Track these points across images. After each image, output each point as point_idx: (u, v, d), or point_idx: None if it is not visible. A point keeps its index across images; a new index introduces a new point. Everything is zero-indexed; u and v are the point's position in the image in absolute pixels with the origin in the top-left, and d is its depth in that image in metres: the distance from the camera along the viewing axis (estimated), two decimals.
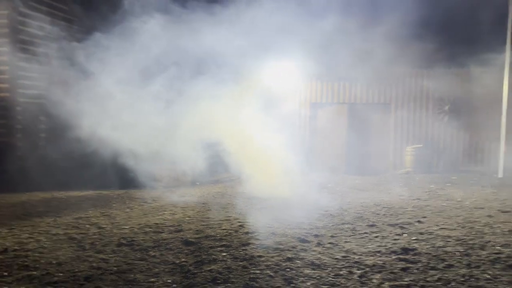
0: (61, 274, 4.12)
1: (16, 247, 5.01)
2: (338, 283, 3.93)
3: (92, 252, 4.87)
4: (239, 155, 9.32)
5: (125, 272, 4.18)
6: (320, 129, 14.61)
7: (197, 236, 5.51)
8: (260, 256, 4.66)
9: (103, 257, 4.65)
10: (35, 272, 4.18)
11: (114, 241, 5.28)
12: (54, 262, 4.50)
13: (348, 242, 5.32)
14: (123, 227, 6.06)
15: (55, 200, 8.23)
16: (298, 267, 4.35)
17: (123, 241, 5.25)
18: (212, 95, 9.03)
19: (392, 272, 4.21)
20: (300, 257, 4.66)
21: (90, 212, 7.11)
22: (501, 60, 11.73)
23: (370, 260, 4.56)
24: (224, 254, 4.75)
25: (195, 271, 4.20)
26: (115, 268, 4.29)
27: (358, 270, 4.27)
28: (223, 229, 5.86)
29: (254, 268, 4.29)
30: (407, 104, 14.13)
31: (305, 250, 4.91)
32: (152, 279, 4.00)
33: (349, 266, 4.37)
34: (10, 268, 4.30)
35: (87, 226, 6.13)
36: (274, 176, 10.97)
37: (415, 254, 4.78)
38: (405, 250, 4.91)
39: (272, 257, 4.65)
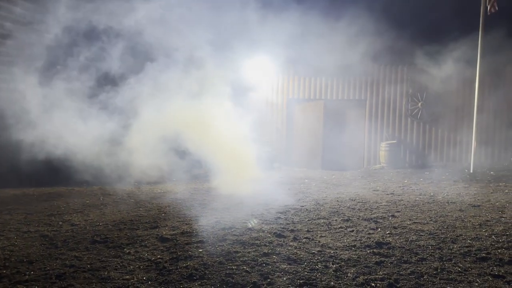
0: (32, 273, 4.01)
1: None
2: (314, 277, 3.96)
3: (65, 249, 4.75)
4: (213, 151, 9.30)
5: (99, 270, 4.10)
6: (296, 124, 14.69)
7: (172, 232, 5.46)
8: (236, 252, 4.66)
9: (76, 255, 4.55)
10: (4, 271, 4.06)
11: (88, 238, 5.17)
12: (25, 260, 4.37)
13: (324, 236, 5.37)
14: (97, 223, 5.95)
15: (26, 197, 8.00)
16: (275, 262, 4.36)
17: (97, 238, 5.15)
18: (182, 90, 8.99)
19: (366, 266, 4.28)
20: (277, 252, 4.68)
21: (62, 208, 6.94)
22: (475, 55, 12.03)
23: (345, 254, 4.62)
24: (200, 250, 4.72)
25: (171, 268, 4.16)
26: (88, 266, 4.20)
27: (333, 264, 4.32)
28: (199, 225, 5.82)
29: (230, 264, 4.28)
30: (381, 100, 14.35)
31: (282, 245, 4.93)
32: (127, 277, 3.94)
33: (325, 261, 4.42)
34: None
35: (60, 223, 5.98)
36: (249, 172, 11.00)
37: (389, 248, 4.87)
38: (379, 244, 5.00)
39: (249, 252, 4.65)
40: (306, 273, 4.07)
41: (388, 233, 5.53)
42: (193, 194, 8.57)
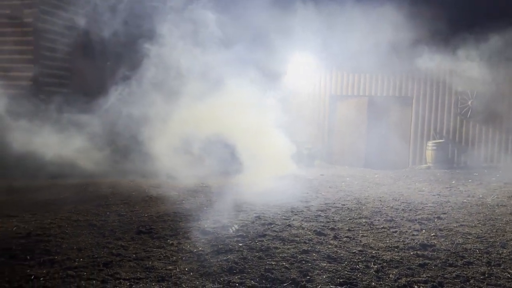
0: (82, 260, 4.22)
1: (38, 232, 5.15)
2: (354, 277, 3.92)
3: (112, 239, 4.96)
4: (252, 147, 9.37)
5: (143, 259, 4.25)
6: (339, 121, 14.48)
7: (214, 226, 5.56)
8: (276, 248, 4.68)
9: (122, 244, 4.74)
10: (56, 257, 4.29)
11: (133, 229, 5.37)
12: (75, 247, 4.61)
13: (365, 236, 5.28)
14: (142, 215, 6.16)
15: (76, 187, 8.40)
16: (314, 259, 4.35)
17: (142, 229, 5.34)
18: (221, 85, 9.08)
19: (409, 268, 4.18)
20: (316, 250, 4.66)
21: (110, 199, 7.24)
22: None
23: (387, 255, 4.53)
24: (241, 244, 4.78)
25: (212, 260, 4.25)
26: (134, 255, 4.37)
27: (374, 264, 4.24)
28: (240, 220, 5.89)
29: (270, 259, 4.31)
30: (428, 97, 13.86)
31: (322, 243, 4.90)
32: (170, 267, 4.06)
33: (366, 261, 4.35)
34: (33, 252, 4.42)
35: (108, 213, 6.25)
36: (289, 168, 11.00)
37: (433, 251, 4.72)
38: (424, 246, 4.86)
39: (288, 249, 4.66)
40: (346, 272, 4.03)
41: (433, 235, 5.36)
42: (232, 189, 8.62)
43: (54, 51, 11.43)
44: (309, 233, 5.33)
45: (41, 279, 3.73)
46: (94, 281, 3.69)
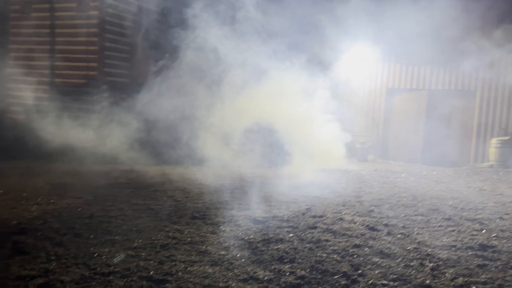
0: (140, 241, 4.45)
1: (100, 214, 5.48)
2: (408, 274, 3.82)
3: (168, 222, 5.18)
4: (304, 140, 9.32)
5: (197, 244, 4.41)
6: (395, 115, 14.02)
7: (264, 215, 5.63)
8: (327, 240, 4.66)
9: (178, 228, 4.93)
10: (117, 237, 4.55)
11: (188, 214, 5.56)
12: (134, 229, 4.86)
13: (421, 234, 5.12)
14: (196, 201, 6.35)
15: (130, 172, 8.81)
16: (366, 254, 4.29)
17: (196, 215, 5.52)
18: (278, 78, 9.05)
19: (467, 268, 4.01)
20: (369, 245, 4.59)
21: (166, 185, 7.53)
22: None
23: (443, 254, 4.37)
24: (291, 235, 4.81)
25: (263, 249, 4.31)
26: (188, 239, 4.54)
27: (430, 262, 4.11)
28: (290, 211, 5.92)
29: (320, 251, 4.31)
30: (494, 92, 13.04)
31: (374, 239, 4.82)
32: (223, 252, 4.18)
33: (421, 258, 4.22)
34: (95, 232, 4.72)
35: (164, 198, 6.51)
36: (341, 162, 10.83)
37: (494, 252, 4.49)
38: (483, 247, 4.63)
39: (340, 242, 4.63)
40: (399, 268, 3.94)
41: (494, 236, 5.09)
42: (282, 180, 8.61)
43: (116, 43, 11.98)
44: (361, 227, 5.25)
45: (103, 257, 3.98)
46: (151, 262, 3.88)
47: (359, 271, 3.84)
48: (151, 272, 3.64)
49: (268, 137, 9.84)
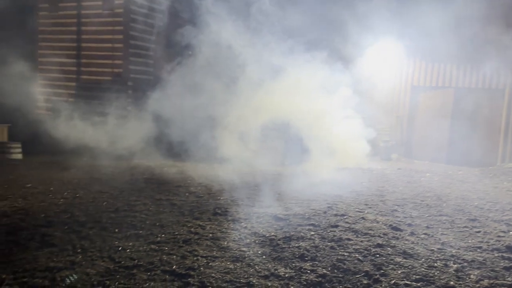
0: (163, 236, 4.52)
1: (125, 208, 5.59)
2: (431, 274, 3.77)
3: (191, 218, 5.25)
4: (324, 138, 9.26)
5: (219, 239, 4.45)
6: (420, 113, 13.76)
7: (285, 213, 5.63)
8: (348, 239, 4.63)
9: (200, 224, 4.99)
10: (141, 232, 4.64)
11: (210, 210, 5.62)
12: (157, 224, 4.94)
13: (445, 234, 5.03)
14: (218, 197, 6.41)
15: (153, 169, 8.94)
16: (389, 254, 4.24)
17: (218, 211, 5.57)
18: (301, 76, 9.00)
19: (493, 270, 3.92)
20: (392, 244, 4.53)
21: (189, 182, 7.61)
22: None
23: (468, 255, 4.28)
24: (312, 233, 4.80)
25: (284, 246, 4.32)
26: (210, 235, 4.59)
27: (454, 264, 4.04)
28: (312, 209, 5.90)
29: (342, 250, 4.29)
30: None
31: (397, 238, 4.76)
32: (244, 249, 4.20)
33: (445, 259, 4.15)
34: (120, 226, 4.82)
35: (187, 194, 6.59)
36: (364, 160, 10.71)
37: None
38: (510, 249, 4.52)
39: (362, 241, 4.59)
40: (423, 269, 3.89)
41: None
42: (303, 178, 8.57)
43: (141, 41, 12.16)
44: (384, 227, 5.19)
45: (127, 250, 4.06)
46: (174, 256, 3.95)
47: (381, 271, 3.81)
48: (174, 267, 3.70)
49: (288, 134, 9.82)
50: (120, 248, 4.11)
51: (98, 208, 5.55)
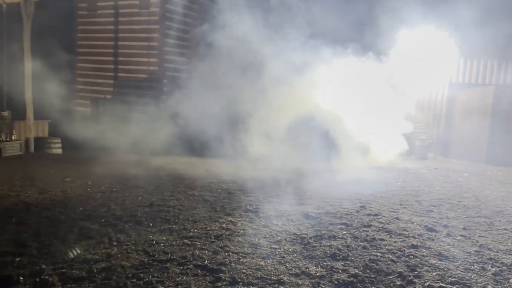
0: (196, 231, 4.59)
1: (159, 203, 5.72)
2: (467, 277, 3.65)
3: (223, 214, 5.30)
4: (357, 136, 9.12)
5: (250, 236, 4.48)
6: (458, 112, 13.30)
7: (317, 211, 5.59)
8: (382, 240, 4.55)
9: (232, 220, 5.03)
10: (174, 226, 4.73)
11: (242, 207, 5.66)
12: (190, 219, 5.02)
13: (483, 237, 4.86)
14: (249, 194, 6.44)
15: (191, 164, 9.08)
16: (423, 255, 4.14)
17: (249, 208, 5.60)
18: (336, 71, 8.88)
19: None
20: (426, 246, 4.42)
21: (222, 177, 7.69)
22: None
23: (508, 259, 4.12)
24: (344, 232, 4.75)
25: (315, 244, 4.30)
26: (241, 231, 4.62)
27: (492, 267, 3.90)
28: (344, 208, 5.84)
29: (375, 250, 4.22)
30: None
31: (432, 240, 4.64)
32: (275, 246, 4.21)
33: (482, 262, 4.01)
34: (155, 220, 4.94)
35: (219, 190, 6.67)
36: (398, 159, 10.46)
37: None
38: None
39: (395, 242, 4.51)
40: (459, 272, 3.77)
41: None
42: (334, 176, 8.46)
43: (176, 39, 12.36)
44: (419, 228, 5.07)
45: (161, 244, 4.16)
46: (206, 251, 4.00)
47: (415, 272, 3.72)
48: (206, 262, 3.75)
49: (321, 131, 9.70)
50: (154, 242, 4.21)
51: (133, 203, 5.70)
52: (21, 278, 3.31)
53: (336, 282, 3.48)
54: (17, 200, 5.63)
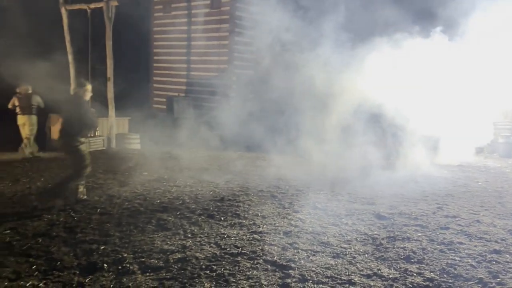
0: (265, 226, 4.66)
1: (230, 198, 5.88)
2: None
3: (291, 211, 5.33)
4: (432, 131, 8.62)
5: (319, 234, 4.45)
6: None
7: (389, 211, 5.41)
8: (460, 243, 4.31)
9: (300, 217, 5.04)
10: (244, 221, 4.85)
11: (310, 204, 5.64)
12: (259, 214, 5.11)
13: None
14: (317, 192, 6.39)
15: (242, 159, 9.20)
16: (507, 261, 3.85)
17: (318, 205, 5.56)
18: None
19: None
20: (510, 251, 4.11)
21: (288, 175, 7.69)
22: None
23: None
24: (419, 234, 4.56)
25: (388, 246, 4.17)
26: (311, 229, 4.61)
27: None
28: (419, 209, 5.59)
29: (453, 254, 4.01)
30: None
31: None
32: (345, 245, 4.15)
33: None
34: (226, 215, 5.09)
35: (287, 187, 6.70)
36: (479, 159, 9.75)
37: None
38: None
39: (476, 246, 4.24)
40: None
41: None
42: (409, 175, 8.05)
43: (245, 37, 12.55)
44: (502, 231, 4.72)
45: (232, 238, 4.28)
46: (275, 247, 4.05)
47: (498, 279, 3.48)
48: (275, 257, 3.80)
49: (389, 126, 9.26)
50: (225, 236, 4.34)
51: (206, 197, 5.92)
52: (105, 265, 3.58)
53: (410, 286, 3.36)
54: (101, 192, 6.08)
